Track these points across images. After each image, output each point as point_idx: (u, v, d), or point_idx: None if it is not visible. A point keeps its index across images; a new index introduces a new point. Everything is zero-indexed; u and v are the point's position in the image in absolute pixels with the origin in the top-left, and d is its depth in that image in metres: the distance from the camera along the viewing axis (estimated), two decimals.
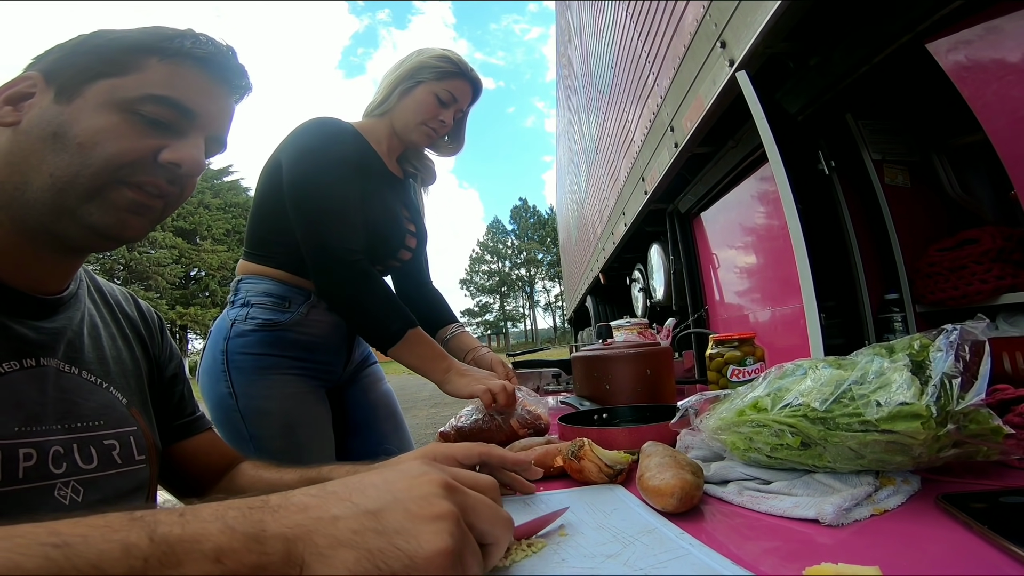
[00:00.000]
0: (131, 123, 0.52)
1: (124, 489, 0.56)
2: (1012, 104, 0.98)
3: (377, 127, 1.17)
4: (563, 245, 10.75)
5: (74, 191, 0.50)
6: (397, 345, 0.97)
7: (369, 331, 1.01)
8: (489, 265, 54.67)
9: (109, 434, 0.56)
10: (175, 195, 0.57)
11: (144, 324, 0.71)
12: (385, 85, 1.16)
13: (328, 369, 1.14)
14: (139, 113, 0.52)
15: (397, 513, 0.31)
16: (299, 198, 1.00)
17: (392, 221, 1.14)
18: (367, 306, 0.98)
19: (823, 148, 1.53)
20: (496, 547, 0.36)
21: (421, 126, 1.14)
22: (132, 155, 0.52)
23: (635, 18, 2.57)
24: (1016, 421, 0.56)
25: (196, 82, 0.56)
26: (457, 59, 1.15)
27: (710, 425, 0.59)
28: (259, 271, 1.08)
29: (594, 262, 5.43)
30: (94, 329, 0.61)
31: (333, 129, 1.07)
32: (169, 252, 31.09)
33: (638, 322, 1.44)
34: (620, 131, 3.35)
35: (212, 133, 0.59)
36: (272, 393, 1.03)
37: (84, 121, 0.50)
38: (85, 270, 0.64)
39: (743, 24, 1.33)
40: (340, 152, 1.04)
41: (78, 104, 0.50)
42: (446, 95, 1.13)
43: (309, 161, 1.02)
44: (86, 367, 0.57)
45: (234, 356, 1.03)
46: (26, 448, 0.48)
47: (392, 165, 1.21)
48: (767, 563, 0.39)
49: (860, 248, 1.49)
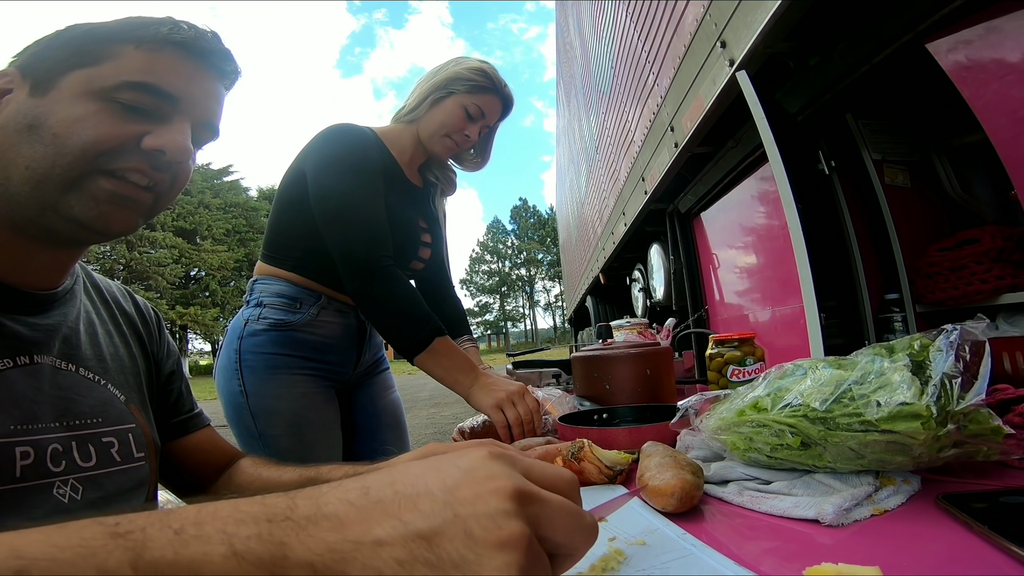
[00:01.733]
0: (109, 111, 0.51)
1: (125, 487, 0.56)
2: (1012, 104, 0.98)
3: (403, 134, 1.17)
4: (563, 245, 10.75)
5: (52, 183, 0.49)
6: (423, 353, 0.96)
7: (397, 337, 0.99)
8: (489, 265, 54.69)
9: (108, 431, 0.56)
10: (165, 184, 0.56)
11: (142, 320, 0.70)
12: (418, 93, 1.16)
13: (338, 370, 1.15)
14: (117, 101, 0.51)
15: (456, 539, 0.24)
16: (327, 208, 1.00)
17: (406, 231, 1.14)
18: (396, 311, 0.97)
19: (823, 148, 1.53)
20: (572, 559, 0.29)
21: (445, 138, 1.14)
22: (112, 142, 0.50)
23: (635, 18, 2.57)
24: (1016, 421, 0.56)
25: (176, 67, 0.54)
26: (492, 73, 1.14)
27: (710, 425, 0.59)
28: (274, 272, 1.10)
29: (594, 262, 5.43)
30: (91, 326, 0.61)
31: (356, 136, 1.07)
32: (169, 252, 31.08)
33: (638, 322, 1.44)
34: (620, 131, 3.35)
35: (199, 119, 0.57)
36: (281, 392, 1.04)
37: (60, 112, 0.49)
38: (82, 266, 0.64)
39: (743, 24, 1.33)
40: (365, 160, 1.04)
41: (53, 96, 0.50)
42: (475, 109, 1.13)
43: (335, 171, 1.02)
44: (83, 364, 0.57)
45: (246, 355, 1.04)
46: (23, 446, 0.48)
47: (412, 174, 1.20)
48: (767, 563, 0.39)
49: (860, 248, 1.49)
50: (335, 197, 1.00)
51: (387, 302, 0.97)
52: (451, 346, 0.99)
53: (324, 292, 1.10)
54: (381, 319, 0.99)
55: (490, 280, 54.43)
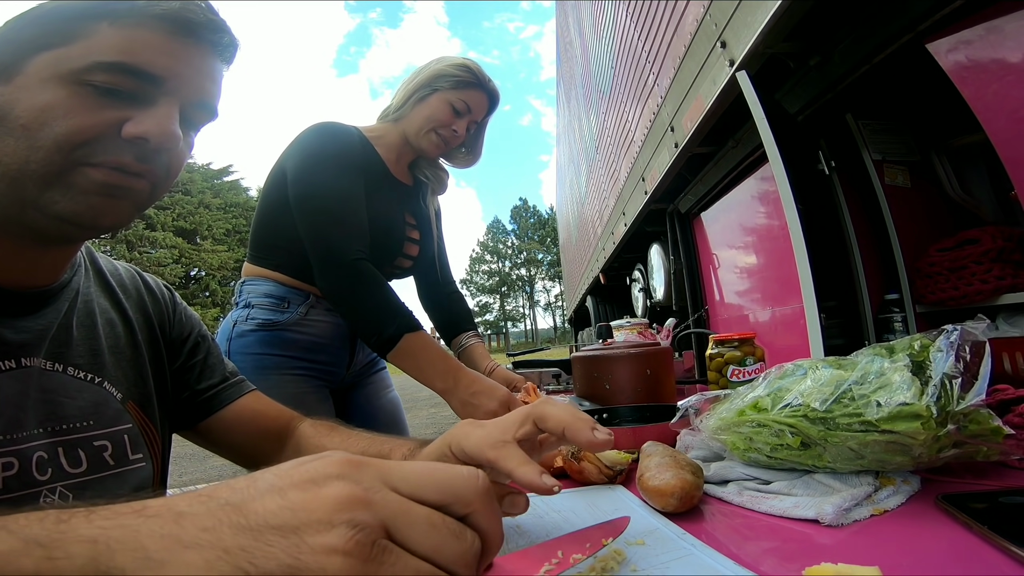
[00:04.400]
0: (81, 96, 0.45)
1: (119, 492, 0.54)
2: (1012, 104, 0.98)
3: (389, 132, 1.17)
4: (563, 245, 10.75)
5: (29, 179, 0.44)
6: (394, 350, 0.94)
7: (366, 334, 0.99)
8: (489, 265, 54.67)
9: (100, 434, 0.53)
10: (158, 174, 0.50)
11: (152, 300, 0.66)
12: (403, 92, 1.17)
13: (330, 370, 1.15)
14: (90, 84, 0.45)
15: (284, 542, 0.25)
16: (302, 200, 1.00)
17: (390, 227, 1.14)
18: (362, 308, 0.97)
19: (823, 148, 1.52)
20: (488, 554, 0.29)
21: (431, 133, 1.14)
22: (88, 132, 0.45)
23: (635, 18, 2.57)
24: (1016, 421, 0.56)
25: (158, 43, 0.47)
26: (476, 69, 1.15)
27: (710, 425, 0.60)
28: (261, 273, 1.10)
29: (594, 262, 5.43)
30: (88, 317, 0.57)
31: (335, 132, 1.07)
32: (169, 252, 31.08)
33: (638, 322, 1.44)
34: (620, 131, 3.35)
35: (191, 99, 0.51)
36: (272, 393, 1.02)
37: (26, 100, 0.44)
38: (87, 250, 0.60)
39: (743, 24, 1.33)
40: (342, 154, 1.04)
41: (19, 82, 0.44)
42: (461, 105, 1.13)
43: (311, 164, 1.02)
44: (74, 362, 0.54)
45: (235, 356, 1.04)
46: (6, 458, 0.46)
47: (400, 171, 1.20)
48: (767, 563, 0.39)
49: (860, 248, 1.49)
50: (310, 193, 1.00)
51: (355, 298, 0.96)
52: (425, 344, 0.95)
53: (312, 291, 1.10)
54: (350, 315, 0.99)
55: (490, 280, 54.42)
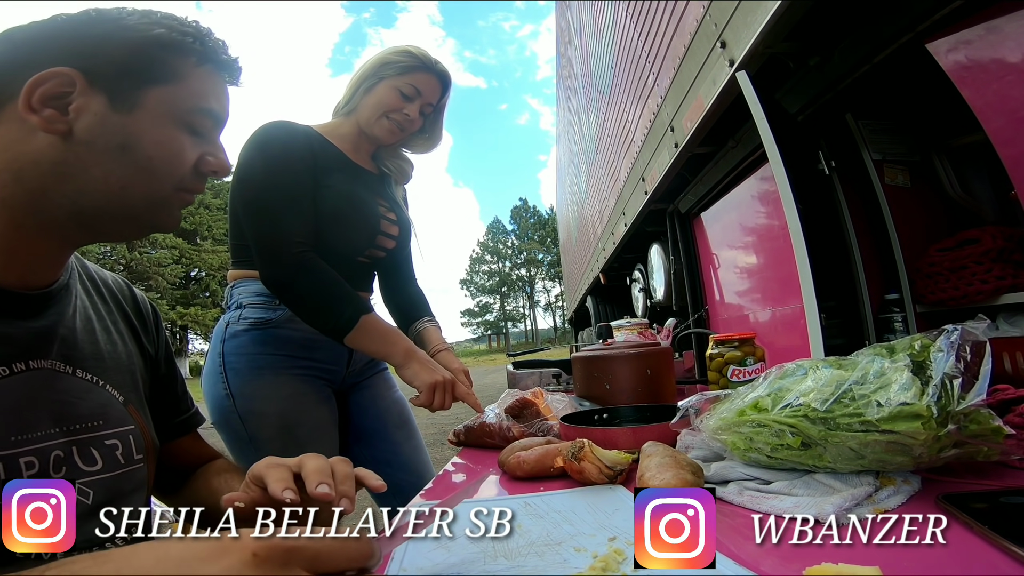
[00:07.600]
0: (185, 135, 0.54)
1: (126, 490, 0.56)
2: (1012, 104, 0.98)
3: (342, 126, 1.17)
4: (563, 245, 10.75)
5: (145, 202, 0.53)
6: (352, 332, 0.96)
7: (320, 322, 0.99)
8: (489, 265, 54.66)
9: (110, 434, 0.55)
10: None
11: (138, 315, 0.69)
12: (349, 85, 1.17)
13: (330, 368, 1.13)
14: (191, 125, 0.55)
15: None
16: (241, 202, 1.01)
17: (360, 209, 1.13)
18: (312, 297, 0.97)
19: (823, 148, 1.52)
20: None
21: (382, 119, 1.13)
22: (187, 166, 0.55)
23: (635, 18, 2.57)
24: (1016, 421, 0.56)
25: (222, 87, 0.58)
26: (420, 53, 1.14)
27: (710, 425, 0.60)
28: (247, 275, 1.09)
29: (594, 262, 5.43)
30: (87, 322, 0.59)
31: (277, 127, 1.07)
32: (169, 252, 31.10)
33: (638, 322, 1.44)
34: (620, 131, 3.35)
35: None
36: (269, 393, 1.03)
37: (149, 135, 0.51)
38: (77, 257, 0.62)
39: (743, 24, 1.33)
40: (282, 147, 1.04)
41: (139, 116, 0.51)
42: (409, 89, 1.12)
43: (249, 158, 1.02)
44: (81, 364, 0.56)
45: (230, 357, 1.03)
46: (26, 456, 0.47)
47: (361, 160, 1.20)
48: (767, 563, 0.39)
49: (860, 248, 1.48)
50: (248, 195, 1.01)
51: (300, 289, 0.97)
52: (379, 322, 1.01)
53: None
54: (297, 307, 0.99)
55: (490, 280, 54.40)
